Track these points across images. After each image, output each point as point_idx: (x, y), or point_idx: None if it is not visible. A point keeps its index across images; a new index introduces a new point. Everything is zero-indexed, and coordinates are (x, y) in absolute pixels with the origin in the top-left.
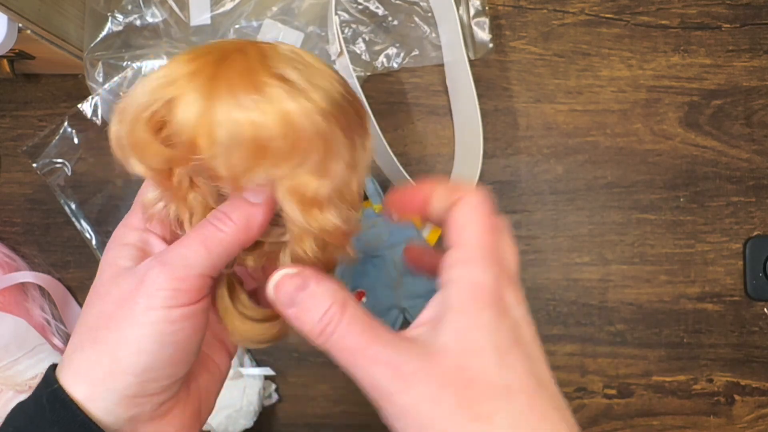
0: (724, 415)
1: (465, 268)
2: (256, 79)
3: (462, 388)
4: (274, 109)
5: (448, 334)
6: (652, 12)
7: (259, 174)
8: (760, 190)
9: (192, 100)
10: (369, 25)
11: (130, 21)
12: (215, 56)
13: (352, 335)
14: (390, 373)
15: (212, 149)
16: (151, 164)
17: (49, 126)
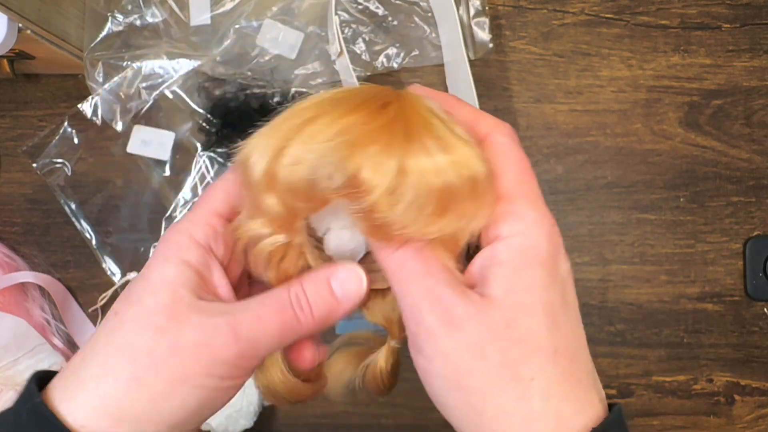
0: (724, 415)
1: (516, 224)
2: (438, 136)
3: (509, 346)
4: (464, 165)
5: (499, 288)
6: (652, 12)
7: (438, 226)
8: (760, 190)
9: (382, 165)
10: (369, 25)
11: (130, 21)
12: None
13: (415, 259)
14: (439, 312)
15: (397, 205)
16: (297, 209)
17: (49, 126)
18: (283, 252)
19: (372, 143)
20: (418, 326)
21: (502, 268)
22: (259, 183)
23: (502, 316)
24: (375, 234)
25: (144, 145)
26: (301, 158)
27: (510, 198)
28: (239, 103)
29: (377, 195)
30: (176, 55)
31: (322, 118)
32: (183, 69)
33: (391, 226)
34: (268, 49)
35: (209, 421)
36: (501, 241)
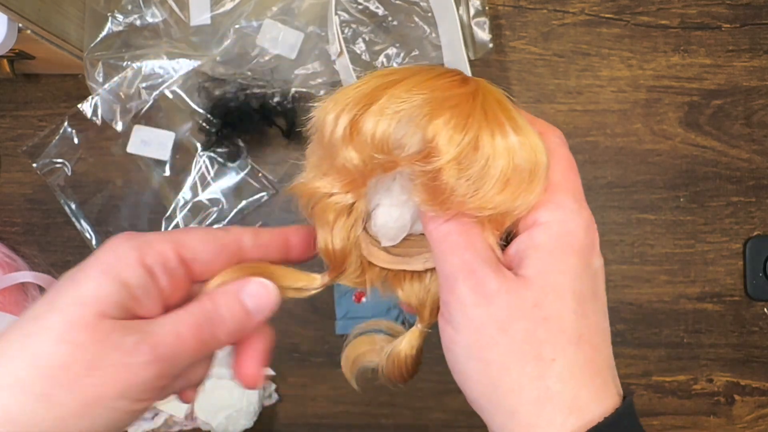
0: (724, 415)
1: (556, 212)
2: (512, 117)
3: (533, 325)
4: (532, 150)
5: (532, 269)
6: (652, 12)
7: (495, 202)
8: (760, 190)
9: (457, 133)
10: (369, 25)
11: (130, 21)
12: (463, 85)
13: (460, 232)
14: (473, 282)
15: (463, 174)
16: (374, 165)
17: (49, 126)
18: (344, 213)
19: (452, 110)
20: (450, 295)
21: (537, 251)
22: (342, 136)
23: (532, 295)
24: (432, 201)
25: (144, 145)
26: (389, 113)
27: (554, 188)
28: (239, 103)
29: (446, 159)
30: (176, 55)
31: (409, 80)
32: (183, 69)
33: (452, 194)
34: (268, 49)
35: (209, 421)
36: (540, 226)
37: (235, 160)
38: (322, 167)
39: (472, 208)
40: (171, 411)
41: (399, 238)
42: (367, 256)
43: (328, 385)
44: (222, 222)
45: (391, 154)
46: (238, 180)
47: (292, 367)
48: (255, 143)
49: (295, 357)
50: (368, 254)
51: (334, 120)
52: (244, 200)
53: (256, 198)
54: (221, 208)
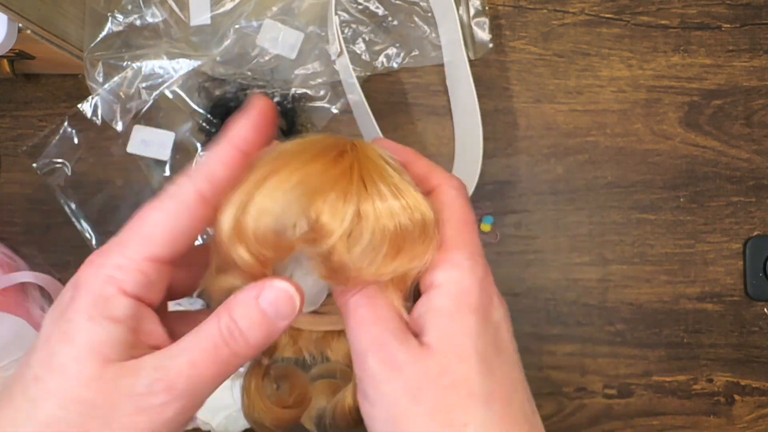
0: (724, 415)
1: (451, 271)
2: (392, 182)
3: (442, 392)
4: (415, 209)
5: (433, 335)
6: (652, 12)
7: (392, 267)
8: (760, 190)
9: (339, 210)
10: (369, 25)
11: (130, 21)
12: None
13: (366, 305)
14: (382, 356)
15: (354, 247)
16: (266, 258)
17: (49, 126)
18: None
19: (330, 190)
20: (363, 371)
21: (436, 315)
22: (228, 237)
23: (436, 362)
24: (333, 277)
25: (144, 145)
26: (265, 209)
27: (448, 246)
28: (239, 103)
29: (335, 238)
30: (176, 55)
31: (283, 170)
32: (183, 69)
33: (348, 269)
34: (268, 49)
35: (209, 421)
36: (436, 288)
37: None
38: (222, 264)
39: (370, 277)
40: None
41: (320, 301)
42: (295, 324)
43: None
44: None
45: (279, 245)
46: None
47: None
48: None
49: None
50: (301, 323)
51: (221, 222)
52: None
53: None
54: None
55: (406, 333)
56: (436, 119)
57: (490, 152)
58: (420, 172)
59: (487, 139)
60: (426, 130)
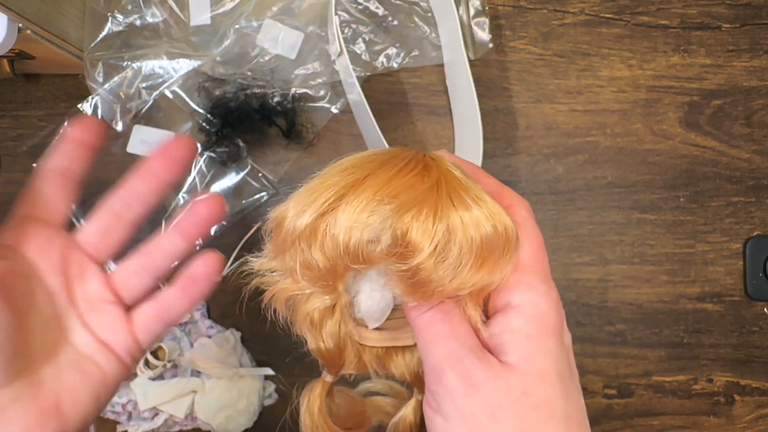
0: (724, 415)
1: (528, 293)
2: (477, 196)
3: (523, 412)
4: (499, 221)
5: (515, 355)
6: (652, 12)
7: (475, 280)
8: (760, 190)
9: (430, 226)
10: (369, 25)
11: (130, 21)
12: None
13: (443, 320)
14: (460, 372)
15: (442, 263)
16: (342, 269)
17: (49, 126)
18: (329, 312)
19: (420, 206)
20: (438, 385)
21: (516, 336)
22: (301, 237)
23: (519, 382)
24: (412, 293)
25: (144, 145)
26: (358, 222)
27: (523, 269)
28: (239, 103)
29: (425, 255)
30: (176, 55)
31: (371, 183)
32: (183, 69)
33: (433, 284)
34: (268, 49)
35: (209, 421)
36: (513, 309)
37: (235, 160)
38: (292, 270)
39: (452, 290)
40: (171, 411)
41: (385, 317)
42: (360, 341)
43: None
44: (222, 222)
45: (366, 259)
46: (238, 180)
47: (292, 367)
48: (255, 143)
49: (295, 357)
50: (360, 338)
51: (294, 217)
52: (244, 200)
53: (256, 198)
54: None
55: (483, 350)
56: (436, 119)
57: (490, 152)
58: (489, 190)
59: (487, 139)
60: (426, 130)
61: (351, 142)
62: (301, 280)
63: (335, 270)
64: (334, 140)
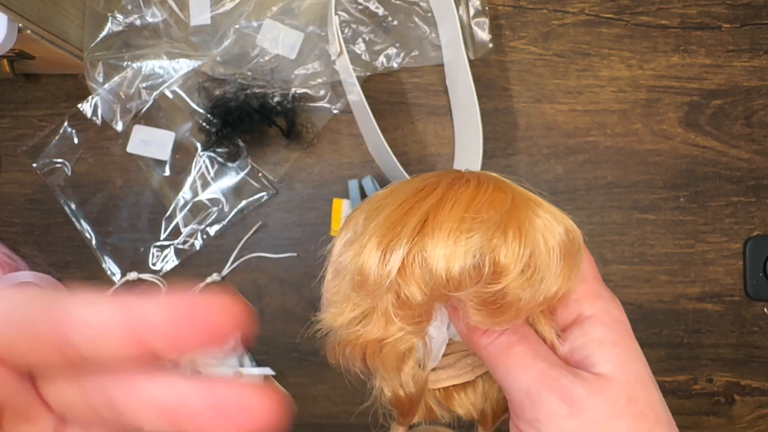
0: (724, 415)
1: (597, 302)
2: (551, 212)
3: (633, 421)
4: (570, 228)
5: (607, 365)
6: (652, 12)
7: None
8: (760, 190)
9: (516, 247)
10: (369, 25)
11: (130, 21)
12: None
13: (522, 342)
14: (560, 393)
15: (528, 281)
16: (441, 297)
17: (49, 126)
18: (408, 355)
19: (506, 227)
20: (537, 411)
21: (602, 345)
22: (398, 274)
23: (622, 391)
24: (490, 317)
25: (144, 145)
26: (458, 246)
27: (585, 279)
28: (239, 103)
29: (515, 275)
30: (176, 55)
31: (451, 201)
32: (183, 69)
33: (521, 302)
34: (268, 49)
35: None
36: (588, 319)
37: (235, 160)
38: (364, 312)
39: (535, 306)
40: None
41: (441, 355)
42: (432, 385)
43: (328, 385)
44: (222, 222)
45: (463, 286)
46: (238, 180)
47: (292, 367)
48: (255, 143)
49: (295, 357)
50: (432, 383)
51: (382, 258)
52: (244, 200)
53: (256, 198)
54: (221, 208)
55: (569, 366)
56: (436, 119)
57: (490, 152)
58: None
59: (487, 139)
60: (426, 130)
61: (351, 142)
62: (396, 322)
63: (431, 304)
64: (334, 140)
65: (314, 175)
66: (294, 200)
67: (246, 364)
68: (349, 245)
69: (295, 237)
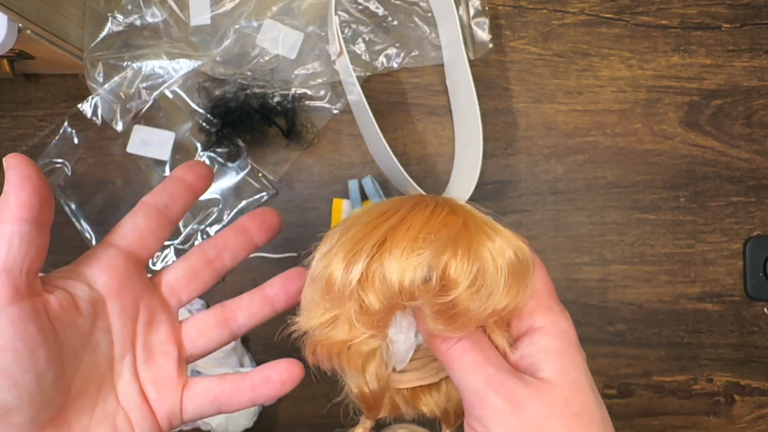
0: (724, 415)
1: (548, 315)
2: (503, 235)
3: (568, 422)
4: (520, 249)
5: (550, 371)
6: (652, 12)
7: (505, 304)
8: (760, 190)
9: (466, 263)
10: (369, 25)
11: (130, 21)
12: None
13: (475, 348)
14: (504, 394)
15: (476, 293)
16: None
17: (49, 126)
18: (371, 356)
19: (456, 245)
20: (483, 409)
21: (547, 353)
22: (359, 284)
23: (560, 394)
24: (447, 325)
25: (144, 145)
26: (410, 260)
27: (538, 294)
28: (239, 103)
29: (463, 287)
30: (176, 55)
31: (407, 223)
32: (183, 69)
33: (470, 313)
34: (268, 49)
35: (209, 421)
36: (537, 330)
37: (235, 160)
38: (333, 316)
39: (485, 317)
40: None
41: (408, 358)
42: (395, 384)
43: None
44: (221, 222)
45: (414, 296)
46: (238, 180)
47: None
48: (255, 143)
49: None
50: (395, 382)
51: (345, 270)
52: (244, 200)
53: (256, 198)
54: (221, 208)
55: (516, 371)
56: (436, 119)
57: (490, 152)
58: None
59: (487, 139)
60: (426, 130)
61: (351, 142)
62: (358, 327)
63: (389, 311)
64: (334, 140)
65: (314, 175)
66: (294, 200)
67: (246, 364)
68: (322, 258)
69: (295, 237)
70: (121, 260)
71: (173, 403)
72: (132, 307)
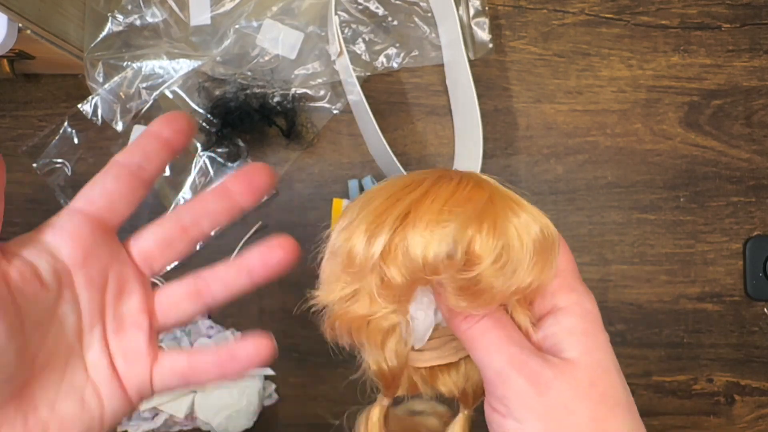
0: (724, 415)
1: (571, 295)
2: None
3: (594, 403)
4: (545, 225)
5: (574, 351)
6: (652, 12)
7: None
8: (760, 190)
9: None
10: (369, 25)
11: (130, 21)
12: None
13: (496, 327)
14: (527, 374)
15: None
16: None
17: (49, 126)
18: (391, 332)
19: (482, 219)
20: (506, 389)
21: (572, 334)
22: (381, 258)
23: (585, 375)
24: (469, 302)
25: None
26: (435, 234)
27: (562, 273)
28: (239, 103)
29: (488, 263)
30: (176, 55)
31: (432, 196)
32: (183, 69)
33: (494, 290)
34: (268, 49)
35: (209, 421)
36: (562, 310)
37: (235, 160)
38: (354, 291)
39: (509, 295)
40: (171, 411)
41: (427, 336)
42: (413, 363)
43: (328, 385)
44: None
45: (438, 271)
46: None
47: (292, 367)
48: (255, 143)
49: (295, 357)
50: (413, 361)
51: (368, 243)
52: None
53: None
54: None
55: (540, 351)
56: (436, 119)
57: (490, 152)
58: None
59: (487, 139)
60: (426, 130)
61: (351, 142)
62: (379, 301)
63: (412, 286)
64: (334, 140)
65: (314, 175)
66: (294, 200)
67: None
68: (343, 230)
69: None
70: (88, 228)
71: (143, 375)
72: (100, 277)
